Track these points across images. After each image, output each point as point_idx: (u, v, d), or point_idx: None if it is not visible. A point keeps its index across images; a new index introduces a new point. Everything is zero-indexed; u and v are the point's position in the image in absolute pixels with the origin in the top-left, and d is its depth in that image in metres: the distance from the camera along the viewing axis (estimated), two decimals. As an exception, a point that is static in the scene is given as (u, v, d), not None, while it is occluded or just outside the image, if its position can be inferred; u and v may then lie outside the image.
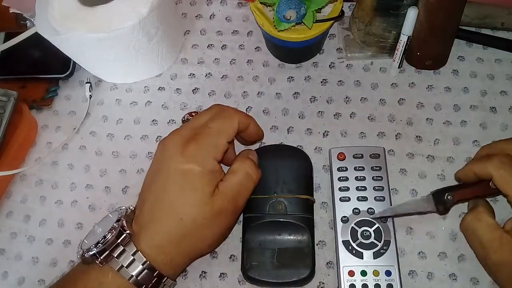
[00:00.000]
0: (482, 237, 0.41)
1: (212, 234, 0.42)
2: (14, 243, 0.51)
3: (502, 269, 0.40)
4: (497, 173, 0.40)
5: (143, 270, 0.39)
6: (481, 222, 0.42)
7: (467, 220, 0.43)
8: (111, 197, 0.52)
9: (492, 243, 0.40)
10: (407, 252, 0.46)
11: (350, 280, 0.43)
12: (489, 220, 0.42)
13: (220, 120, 0.43)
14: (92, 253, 0.39)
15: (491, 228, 0.41)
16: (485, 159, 0.42)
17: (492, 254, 0.40)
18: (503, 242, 0.40)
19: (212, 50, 0.58)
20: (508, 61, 0.54)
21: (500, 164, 0.41)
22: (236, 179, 0.42)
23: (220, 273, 0.47)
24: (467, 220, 0.43)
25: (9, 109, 0.52)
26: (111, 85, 0.58)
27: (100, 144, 0.54)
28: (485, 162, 0.42)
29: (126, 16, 0.48)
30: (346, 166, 0.48)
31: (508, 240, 0.40)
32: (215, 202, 0.40)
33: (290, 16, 0.46)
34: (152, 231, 0.40)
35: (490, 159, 0.42)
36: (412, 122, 0.52)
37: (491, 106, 0.52)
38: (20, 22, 0.60)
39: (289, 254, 0.45)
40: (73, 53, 0.53)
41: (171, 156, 0.41)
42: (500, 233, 0.40)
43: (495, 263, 0.41)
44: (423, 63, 0.53)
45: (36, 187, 0.53)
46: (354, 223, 0.45)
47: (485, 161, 0.42)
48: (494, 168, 0.41)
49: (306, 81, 0.55)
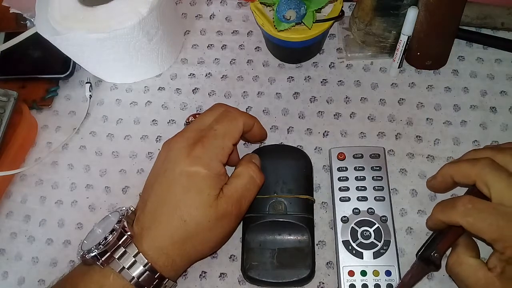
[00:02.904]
0: (466, 281, 0.39)
1: (214, 237, 0.42)
2: (14, 243, 0.51)
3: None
4: (465, 222, 0.38)
5: (144, 272, 0.39)
6: (462, 265, 0.40)
7: (449, 265, 0.41)
8: (111, 197, 0.52)
9: (476, 284, 0.38)
10: (407, 252, 0.46)
11: (350, 280, 0.43)
12: (470, 261, 0.39)
13: (226, 122, 0.43)
14: (93, 254, 0.39)
15: (473, 270, 0.39)
16: (448, 207, 0.40)
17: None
18: (488, 283, 0.38)
19: (212, 50, 0.58)
20: (508, 61, 0.54)
21: (465, 211, 0.38)
22: (240, 183, 0.42)
23: (220, 273, 0.47)
24: (449, 265, 0.41)
25: (9, 109, 0.52)
26: (111, 85, 0.58)
27: (100, 144, 0.54)
28: (450, 211, 0.40)
29: (126, 16, 0.48)
30: (346, 166, 0.48)
31: (493, 280, 0.37)
32: (220, 205, 0.40)
33: (290, 16, 0.46)
34: (155, 232, 0.40)
35: (453, 207, 0.39)
36: (412, 122, 0.52)
37: (491, 106, 0.52)
38: (20, 22, 0.60)
39: (289, 254, 0.45)
40: (73, 53, 0.53)
41: (177, 158, 0.41)
42: (483, 273, 0.38)
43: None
44: (423, 63, 0.53)
45: (36, 187, 0.53)
46: (354, 223, 0.45)
47: (449, 210, 0.40)
48: (460, 217, 0.39)
49: (306, 81, 0.55)
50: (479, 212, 0.38)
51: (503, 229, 0.37)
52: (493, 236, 0.38)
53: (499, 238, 0.37)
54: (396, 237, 0.45)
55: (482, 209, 0.38)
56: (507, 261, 0.37)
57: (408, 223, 0.47)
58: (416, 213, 0.47)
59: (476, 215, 0.38)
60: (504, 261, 0.37)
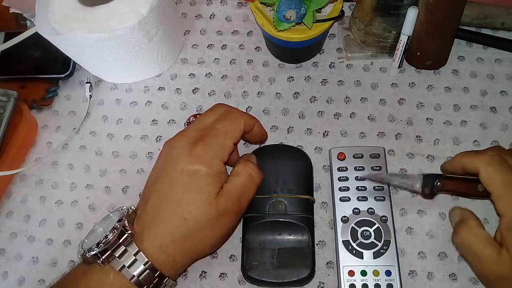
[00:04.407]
0: (479, 252, 0.40)
1: (215, 235, 0.42)
2: (14, 243, 0.51)
3: (502, 283, 0.40)
4: (485, 170, 0.40)
5: (144, 270, 0.39)
6: (477, 237, 0.41)
7: (461, 236, 0.42)
8: (111, 197, 0.52)
9: (490, 257, 0.40)
10: (407, 252, 0.46)
11: (350, 280, 0.43)
12: (484, 234, 0.41)
13: (227, 122, 0.43)
14: (93, 253, 0.39)
15: (487, 243, 0.40)
16: (476, 154, 0.42)
17: (491, 269, 0.40)
18: (501, 257, 0.39)
19: (212, 50, 0.58)
20: (508, 61, 0.54)
21: (489, 160, 0.40)
22: (239, 181, 0.43)
23: (220, 273, 0.47)
24: (462, 237, 0.42)
25: (9, 109, 0.52)
26: (111, 85, 0.58)
27: (100, 144, 0.54)
28: (475, 157, 0.42)
29: (126, 16, 0.48)
30: (346, 166, 0.48)
31: (506, 255, 0.39)
32: (220, 203, 0.41)
33: (290, 16, 0.46)
34: (155, 231, 0.40)
35: (481, 154, 0.41)
36: (412, 122, 0.52)
37: (491, 106, 0.52)
38: (20, 22, 0.60)
39: (289, 254, 0.45)
40: (73, 53, 0.53)
41: (178, 156, 0.41)
42: (497, 247, 0.39)
43: (495, 277, 0.40)
44: (423, 63, 0.53)
45: (36, 187, 0.53)
46: (354, 223, 0.45)
47: (476, 156, 0.42)
48: (483, 164, 0.41)
49: (306, 81, 0.55)
50: (501, 166, 0.40)
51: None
52: (501, 192, 0.40)
53: (504, 196, 0.40)
54: (396, 237, 0.45)
55: (505, 166, 0.40)
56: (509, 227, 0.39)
57: (408, 223, 0.47)
58: (416, 213, 0.47)
59: (497, 168, 0.40)
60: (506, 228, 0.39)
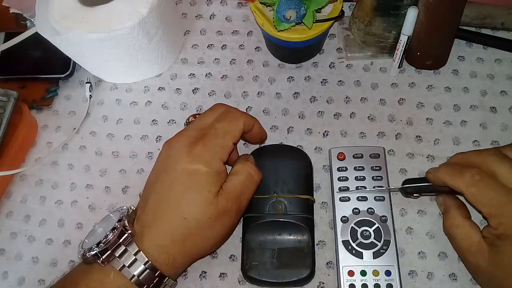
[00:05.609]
0: (460, 243, 0.42)
1: (214, 234, 0.42)
2: (14, 243, 0.51)
3: (479, 274, 0.41)
4: (468, 191, 0.40)
5: (145, 270, 0.39)
6: (459, 228, 0.42)
7: (446, 228, 0.44)
8: (111, 197, 0.52)
9: (469, 249, 0.41)
10: (407, 252, 0.46)
11: (350, 280, 0.43)
12: (466, 223, 0.42)
13: (227, 122, 0.43)
14: (93, 253, 0.39)
15: (469, 234, 0.41)
16: (457, 173, 0.41)
17: (469, 259, 0.41)
18: (480, 249, 0.40)
19: (212, 50, 0.58)
20: (508, 61, 0.54)
21: (471, 181, 0.39)
22: (239, 180, 0.43)
23: (220, 273, 0.47)
24: (447, 228, 0.44)
25: (9, 109, 0.52)
26: (111, 85, 0.58)
27: (100, 144, 0.54)
28: (456, 177, 0.41)
29: (126, 16, 0.48)
30: (346, 166, 0.48)
31: (484, 248, 0.39)
32: (220, 202, 0.41)
33: (290, 16, 0.46)
34: (156, 230, 0.40)
35: (461, 174, 0.40)
36: (412, 122, 0.52)
37: (491, 106, 0.52)
38: (20, 22, 0.60)
39: (289, 254, 0.45)
40: (73, 53, 0.53)
41: (178, 156, 0.41)
42: (478, 239, 0.40)
43: (472, 268, 0.42)
44: (423, 63, 0.53)
45: (36, 187, 0.53)
46: (354, 223, 0.45)
47: (456, 176, 0.41)
48: (465, 186, 0.40)
49: (306, 81, 0.55)
50: (484, 186, 0.39)
51: (502, 207, 0.38)
52: (491, 211, 0.39)
53: (496, 214, 0.39)
54: (396, 237, 0.45)
55: (488, 184, 0.39)
56: (498, 236, 0.39)
57: (408, 223, 0.47)
58: (416, 213, 0.47)
59: (480, 188, 0.39)
60: (494, 236, 0.39)
